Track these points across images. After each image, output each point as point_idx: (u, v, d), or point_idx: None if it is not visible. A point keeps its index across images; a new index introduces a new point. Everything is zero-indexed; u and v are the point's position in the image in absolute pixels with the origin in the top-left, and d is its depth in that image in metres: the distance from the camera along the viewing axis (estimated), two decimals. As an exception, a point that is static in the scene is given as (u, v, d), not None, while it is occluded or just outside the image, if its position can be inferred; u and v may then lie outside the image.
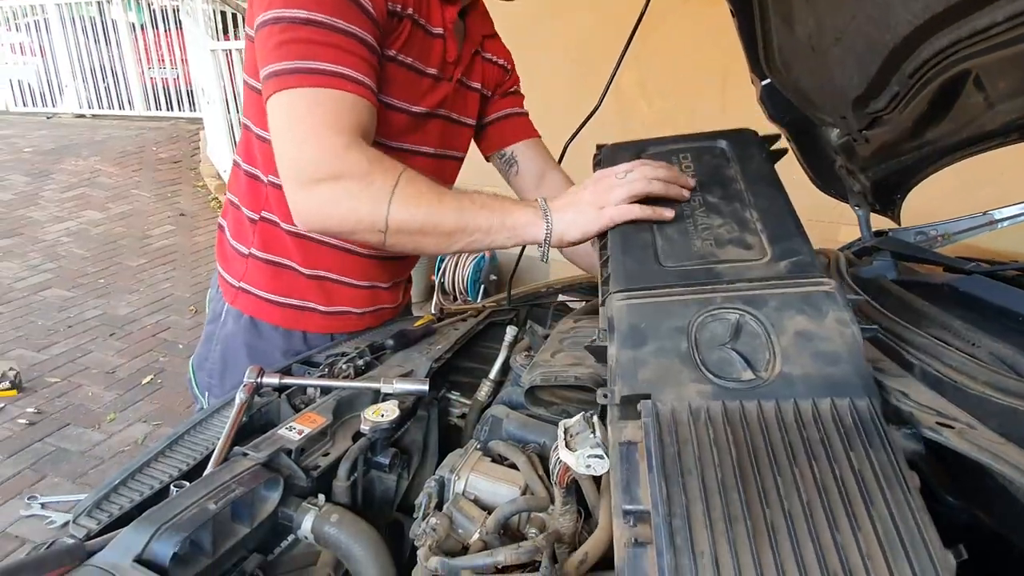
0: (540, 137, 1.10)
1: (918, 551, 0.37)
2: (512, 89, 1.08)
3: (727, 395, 0.47)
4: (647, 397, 0.48)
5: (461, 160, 1.04)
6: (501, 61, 1.03)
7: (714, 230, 0.63)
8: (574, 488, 0.55)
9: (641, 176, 0.66)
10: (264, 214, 0.91)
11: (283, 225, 0.90)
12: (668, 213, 0.65)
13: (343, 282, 0.96)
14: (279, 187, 0.81)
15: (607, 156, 0.84)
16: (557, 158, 1.08)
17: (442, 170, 0.98)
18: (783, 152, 0.88)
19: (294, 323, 0.95)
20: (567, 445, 0.50)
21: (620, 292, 0.58)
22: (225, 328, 0.96)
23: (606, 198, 0.67)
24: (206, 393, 1.00)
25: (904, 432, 0.48)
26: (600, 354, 0.57)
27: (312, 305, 0.95)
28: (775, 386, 0.47)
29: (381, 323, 1.03)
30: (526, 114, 1.10)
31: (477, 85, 0.99)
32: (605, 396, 0.52)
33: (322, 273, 0.94)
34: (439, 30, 0.86)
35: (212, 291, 1.01)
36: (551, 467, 0.53)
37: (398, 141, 0.88)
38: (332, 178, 0.68)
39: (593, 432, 0.50)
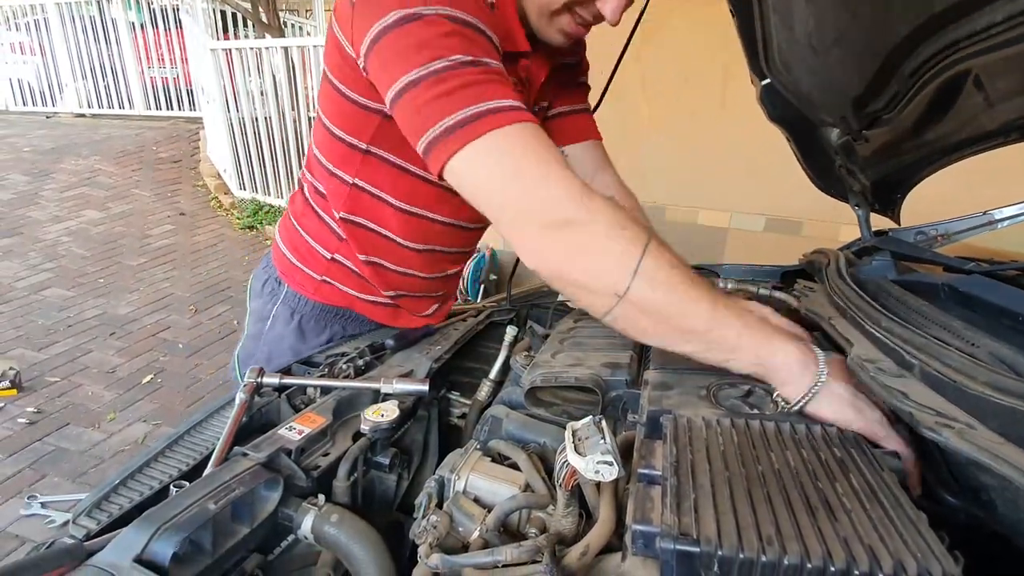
0: (600, 139, 1.03)
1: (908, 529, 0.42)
2: (580, 80, 1.01)
3: (735, 416, 0.58)
4: (669, 412, 0.59)
5: None
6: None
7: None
8: (577, 491, 0.55)
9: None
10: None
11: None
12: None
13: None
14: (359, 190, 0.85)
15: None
16: None
17: None
18: None
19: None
20: (576, 449, 0.49)
21: (655, 369, 0.70)
22: (274, 330, 0.97)
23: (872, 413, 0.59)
24: None
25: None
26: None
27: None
28: (776, 416, 0.58)
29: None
30: (588, 111, 1.03)
31: (546, 104, 0.96)
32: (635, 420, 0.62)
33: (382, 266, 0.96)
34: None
35: (262, 290, 1.01)
36: (556, 469, 0.53)
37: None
38: (580, 223, 0.60)
39: (603, 437, 0.49)
